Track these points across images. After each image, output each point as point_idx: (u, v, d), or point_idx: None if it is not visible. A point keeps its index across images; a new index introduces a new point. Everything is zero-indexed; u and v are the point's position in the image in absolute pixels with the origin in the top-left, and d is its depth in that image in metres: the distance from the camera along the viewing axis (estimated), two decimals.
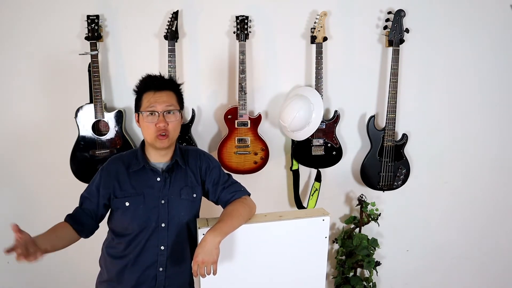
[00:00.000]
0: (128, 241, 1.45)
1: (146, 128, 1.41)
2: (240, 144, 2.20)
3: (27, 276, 2.44)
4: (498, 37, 2.33)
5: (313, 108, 2.12)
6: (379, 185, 2.32)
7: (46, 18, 2.11)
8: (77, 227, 1.44)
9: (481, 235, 2.60)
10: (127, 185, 1.44)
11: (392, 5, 2.21)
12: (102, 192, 1.44)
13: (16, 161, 2.27)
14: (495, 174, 2.51)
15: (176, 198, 1.46)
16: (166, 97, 1.41)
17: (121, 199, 1.43)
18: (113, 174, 1.45)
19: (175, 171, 1.48)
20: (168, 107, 1.40)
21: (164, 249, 1.45)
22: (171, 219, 1.45)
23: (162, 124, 1.38)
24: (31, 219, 2.36)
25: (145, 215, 1.43)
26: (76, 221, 1.44)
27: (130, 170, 1.44)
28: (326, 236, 1.50)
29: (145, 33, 2.16)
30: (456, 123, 2.42)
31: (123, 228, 1.45)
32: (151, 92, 1.41)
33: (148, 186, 1.44)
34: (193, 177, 1.50)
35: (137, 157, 1.47)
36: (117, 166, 1.46)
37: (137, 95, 1.46)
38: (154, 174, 1.45)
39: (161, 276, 1.47)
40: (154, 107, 1.39)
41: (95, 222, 1.48)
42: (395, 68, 2.17)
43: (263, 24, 2.21)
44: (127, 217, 1.43)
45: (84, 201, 1.47)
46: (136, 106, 1.46)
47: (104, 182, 1.45)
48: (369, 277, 2.41)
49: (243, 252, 1.44)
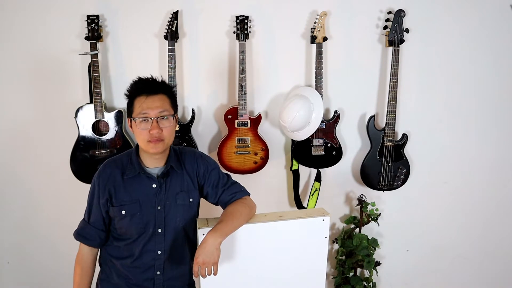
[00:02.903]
0: (126, 245, 1.45)
1: (139, 134, 1.36)
2: (240, 144, 2.20)
3: (27, 276, 2.44)
4: (498, 37, 2.33)
5: (313, 108, 2.12)
6: (379, 185, 2.32)
7: (46, 18, 2.11)
8: (91, 243, 1.47)
9: (481, 235, 2.60)
10: (122, 193, 1.41)
11: (392, 5, 2.21)
12: (101, 201, 1.43)
13: (16, 161, 2.27)
14: (495, 174, 2.51)
15: (172, 204, 1.45)
16: (159, 102, 1.35)
17: (117, 207, 1.41)
18: (108, 182, 1.42)
19: (171, 176, 1.45)
20: (162, 112, 1.35)
21: (161, 253, 1.45)
22: (167, 225, 1.44)
23: (156, 130, 1.33)
24: (31, 219, 2.37)
25: (141, 222, 1.42)
26: (88, 238, 1.46)
27: (125, 177, 1.41)
28: (326, 236, 1.50)
29: (145, 33, 2.16)
30: (456, 123, 2.42)
31: (121, 232, 1.45)
32: (143, 96, 1.35)
33: (144, 193, 1.42)
34: (189, 181, 1.48)
35: (132, 162, 1.43)
36: (112, 171, 1.43)
37: (129, 100, 1.39)
38: (150, 180, 1.43)
39: (158, 279, 1.47)
40: (147, 114, 1.34)
41: (105, 232, 1.48)
42: (395, 68, 2.17)
43: (263, 24, 2.21)
44: (124, 224, 1.42)
45: (90, 215, 1.47)
46: (128, 111, 1.40)
47: (100, 191, 1.43)
48: (369, 277, 2.41)
49: (243, 252, 1.44)
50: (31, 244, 2.39)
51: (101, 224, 1.45)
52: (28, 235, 2.37)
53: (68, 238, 2.36)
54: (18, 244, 2.39)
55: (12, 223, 2.36)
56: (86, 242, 1.46)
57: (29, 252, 2.40)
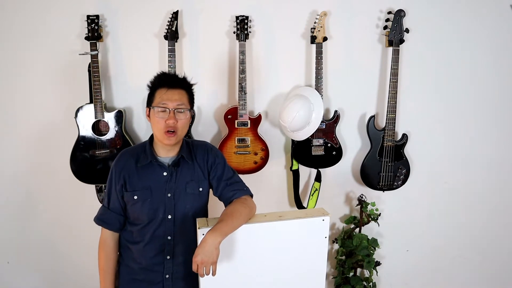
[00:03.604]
0: (138, 230, 1.53)
1: (156, 123, 1.46)
2: (240, 144, 2.20)
3: (27, 276, 2.44)
4: (498, 37, 2.33)
5: (313, 108, 2.12)
6: (379, 185, 2.32)
7: (46, 18, 2.11)
8: (111, 228, 1.55)
9: (481, 235, 2.60)
10: (135, 180, 1.51)
11: (392, 5, 2.21)
12: (117, 187, 1.52)
13: (16, 161, 2.27)
14: (495, 174, 2.51)
15: (182, 192, 1.52)
16: (178, 96, 1.46)
17: (130, 192, 1.50)
18: (123, 169, 1.52)
19: (181, 166, 1.53)
20: (179, 105, 1.46)
21: (170, 239, 1.52)
22: (177, 211, 1.51)
23: (172, 121, 1.44)
24: (31, 219, 2.37)
25: (152, 208, 1.50)
26: (108, 222, 1.55)
27: (139, 165, 1.51)
28: (326, 236, 1.50)
29: (145, 33, 2.16)
30: (456, 123, 2.42)
31: (134, 218, 1.53)
32: (164, 89, 1.46)
33: (155, 180, 1.51)
34: (200, 172, 1.55)
35: (145, 151, 1.53)
36: (127, 160, 1.53)
37: (150, 91, 1.50)
38: (161, 168, 1.51)
39: (168, 263, 1.54)
40: (165, 104, 1.44)
41: (123, 216, 1.56)
42: (395, 68, 2.17)
43: (263, 24, 2.21)
44: (136, 209, 1.50)
45: (109, 201, 1.55)
46: (149, 101, 1.50)
47: (116, 178, 1.52)
48: (369, 277, 2.41)
49: (243, 252, 1.44)
50: (31, 244, 2.39)
51: (119, 209, 1.54)
52: (28, 235, 2.37)
53: (68, 238, 2.39)
54: (18, 244, 2.39)
55: (12, 223, 2.36)
56: (106, 227, 1.55)
57: (29, 252, 2.40)
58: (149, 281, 1.55)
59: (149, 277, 1.55)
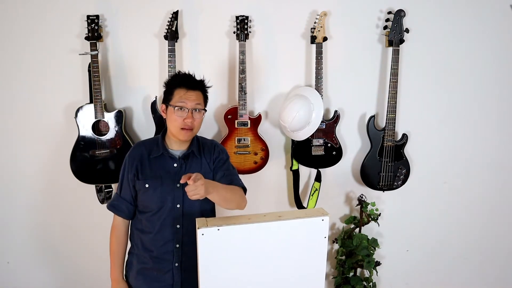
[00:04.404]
0: (148, 218, 1.61)
1: (173, 121, 1.56)
2: (240, 144, 2.21)
3: (27, 276, 2.44)
4: (498, 37, 2.33)
5: (313, 108, 2.12)
6: (379, 185, 2.32)
7: (46, 18, 2.11)
8: (121, 214, 1.66)
9: (481, 235, 2.60)
10: (147, 169, 1.60)
11: (392, 5, 2.21)
12: (129, 176, 1.61)
13: (16, 161, 2.27)
14: (495, 174, 2.51)
15: None
16: (196, 96, 1.57)
17: (142, 181, 1.59)
18: (136, 159, 1.62)
19: (191, 159, 1.63)
20: (197, 105, 1.57)
21: (179, 227, 1.61)
22: (186, 201, 1.59)
23: (190, 120, 1.55)
24: (31, 219, 2.37)
25: (162, 196, 1.58)
26: (118, 208, 1.66)
27: (151, 156, 1.61)
28: (326, 236, 1.50)
29: (145, 33, 2.16)
30: (456, 123, 2.42)
31: (144, 206, 1.62)
32: (184, 89, 1.56)
33: (166, 170, 1.60)
34: (207, 166, 1.65)
35: (157, 144, 1.63)
36: (140, 151, 1.63)
37: (168, 89, 1.60)
38: (172, 160, 1.61)
39: (178, 251, 1.62)
40: (184, 103, 1.55)
41: (133, 205, 1.66)
42: (395, 68, 2.17)
43: (263, 24, 2.21)
44: (147, 197, 1.60)
45: (121, 190, 1.65)
46: (166, 99, 1.59)
47: (129, 167, 1.62)
48: (369, 277, 2.41)
49: (242, 252, 1.44)
50: (31, 244, 2.39)
51: (130, 197, 1.64)
52: (28, 235, 2.37)
53: (68, 238, 2.39)
54: (18, 244, 2.39)
55: (12, 223, 2.36)
56: (116, 213, 1.66)
57: (29, 252, 2.40)
58: (158, 270, 1.62)
59: (159, 265, 1.62)
